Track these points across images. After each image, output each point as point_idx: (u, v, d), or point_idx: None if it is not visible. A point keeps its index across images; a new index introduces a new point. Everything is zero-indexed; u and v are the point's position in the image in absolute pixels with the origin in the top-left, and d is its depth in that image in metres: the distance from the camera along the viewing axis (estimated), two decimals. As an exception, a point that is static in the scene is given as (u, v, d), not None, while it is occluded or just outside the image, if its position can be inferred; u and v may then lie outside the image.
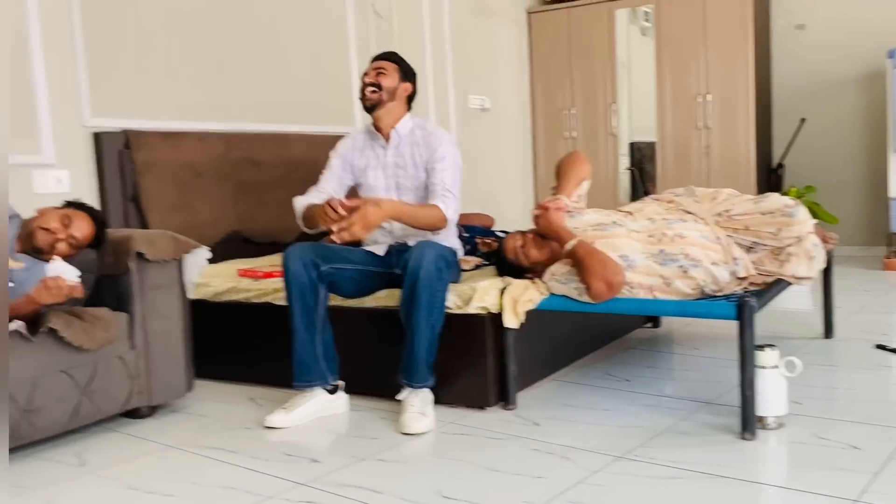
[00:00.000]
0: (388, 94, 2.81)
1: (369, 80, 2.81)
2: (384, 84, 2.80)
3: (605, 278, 2.46)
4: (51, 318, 2.37)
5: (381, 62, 2.86)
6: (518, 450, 2.30)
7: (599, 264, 2.47)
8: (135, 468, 2.29)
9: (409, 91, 2.87)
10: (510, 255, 2.74)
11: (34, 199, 2.98)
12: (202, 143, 3.69)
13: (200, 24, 3.81)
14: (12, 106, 3.13)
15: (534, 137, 6.24)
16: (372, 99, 2.80)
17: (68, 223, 2.53)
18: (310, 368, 2.65)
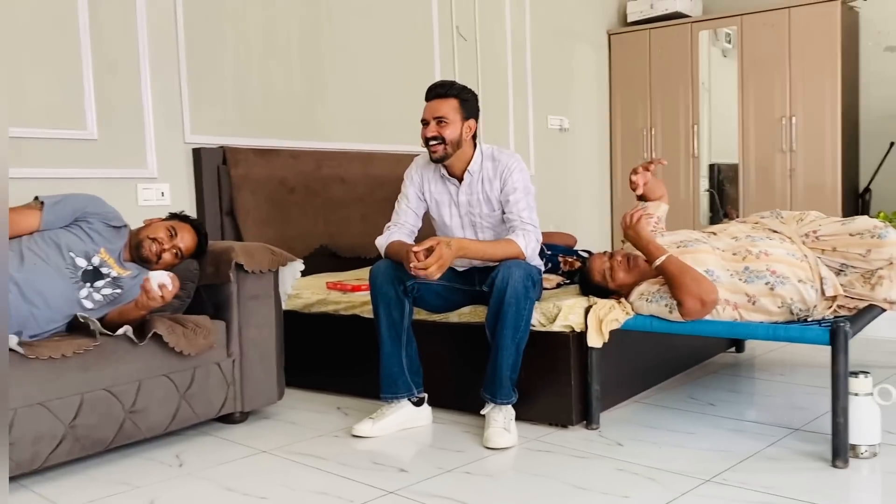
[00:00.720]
0: (453, 145, 2.68)
1: (430, 134, 2.67)
2: (447, 137, 2.66)
3: (699, 296, 2.45)
4: (156, 324, 2.50)
5: (439, 104, 2.67)
6: (602, 469, 2.31)
7: (693, 282, 2.47)
8: (230, 470, 2.39)
9: (474, 128, 2.74)
10: (597, 277, 2.74)
11: (139, 211, 3.16)
12: (294, 161, 3.83)
13: (295, 46, 3.97)
14: (122, 123, 3.33)
15: (612, 158, 6.23)
16: (437, 152, 2.68)
17: (174, 234, 2.66)
18: (396, 380, 2.71)
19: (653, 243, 2.59)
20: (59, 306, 2.43)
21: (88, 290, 2.51)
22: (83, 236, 2.57)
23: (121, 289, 2.58)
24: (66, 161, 3.15)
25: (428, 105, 2.71)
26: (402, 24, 4.51)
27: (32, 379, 2.24)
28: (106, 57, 3.27)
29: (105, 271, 2.56)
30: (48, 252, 2.47)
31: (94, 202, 2.65)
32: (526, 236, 2.66)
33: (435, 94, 2.71)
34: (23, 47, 3.03)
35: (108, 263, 2.58)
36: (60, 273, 2.46)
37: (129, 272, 2.62)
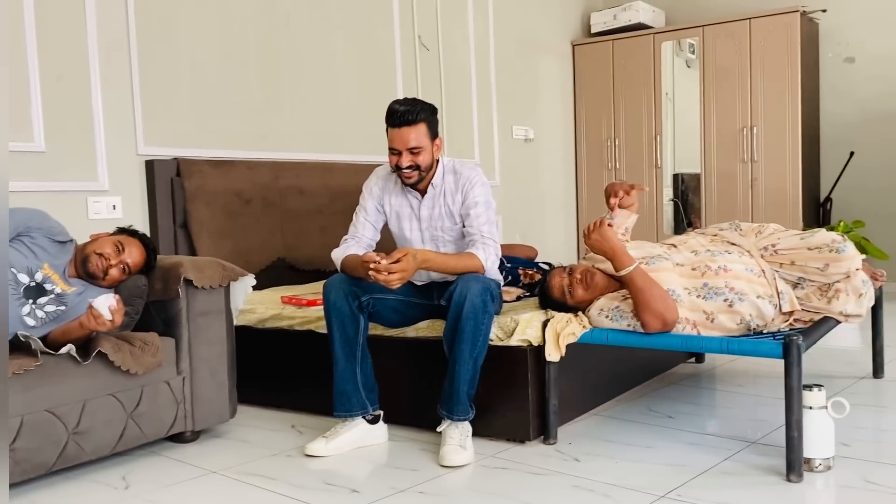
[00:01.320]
0: (428, 167, 2.67)
1: (406, 164, 2.61)
2: (422, 164, 2.64)
3: (661, 315, 2.43)
4: (101, 343, 2.43)
5: (409, 132, 2.58)
6: (558, 486, 2.28)
7: (657, 300, 2.44)
8: (178, 492, 2.33)
9: (441, 144, 2.72)
10: (556, 293, 2.71)
11: (89, 225, 3.08)
12: (251, 172, 3.77)
13: (252, 55, 3.91)
14: (72, 134, 3.25)
15: (577, 168, 6.24)
16: (412, 178, 2.66)
17: (121, 249, 2.59)
18: (350, 398, 2.66)
19: (621, 250, 2.52)
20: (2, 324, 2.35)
21: (31, 307, 2.44)
22: (26, 252, 2.50)
23: (65, 305, 2.51)
24: (13, 174, 3.06)
25: (396, 133, 2.60)
26: (363, 32, 4.48)
27: (-32, 401, 2.16)
28: (54, 66, 3.19)
29: (49, 287, 2.49)
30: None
31: (38, 216, 2.58)
32: (486, 250, 2.64)
33: (403, 120, 2.59)
34: (-34, 57, 2.94)
35: (53, 279, 2.51)
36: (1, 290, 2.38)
37: (74, 289, 2.55)
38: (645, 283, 2.47)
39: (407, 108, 2.61)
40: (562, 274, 2.72)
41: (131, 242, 2.64)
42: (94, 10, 3.31)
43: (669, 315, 2.44)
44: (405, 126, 2.60)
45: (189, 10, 3.65)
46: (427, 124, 2.64)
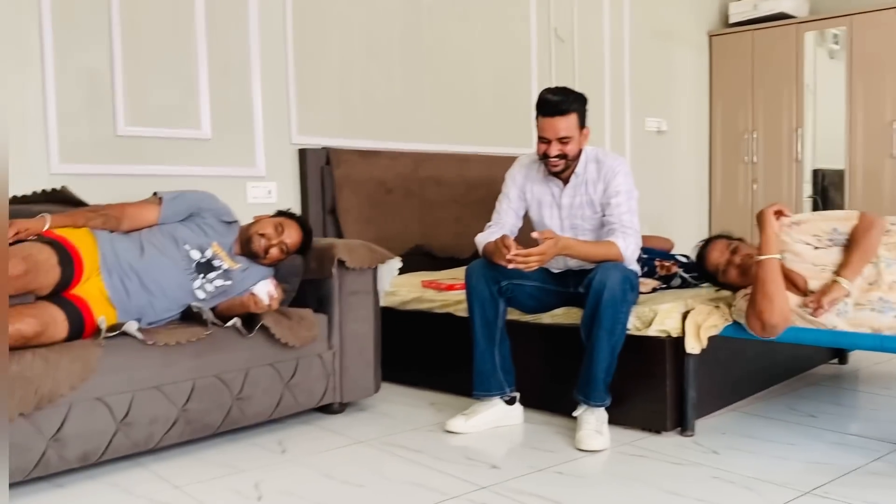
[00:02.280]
0: (574, 159, 2.73)
1: (554, 153, 2.67)
2: (570, 153, 2.69)
3: (762, 317, 2.39)
4: (264, 317, 2.62)
5: (560, 122, 2.63)
6: (698, 476, 2.29)
7: (766, 299, 2.39)
8: (330, 458, 2.49)
9: (588, 134, 2.75)
10: (709, 266, 2.68)
11: (247, 208, 3.29)
12: (393, 162, 3.93)
13: (396, 50, 4.07)
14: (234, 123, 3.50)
15: (711, 161, 6.10)
16: (558, 167, 2.71)
17: (281, 231, 2.78)
18: (488, 378, 2.75)
19: (771, 238, 2.47)
20: (175, 296, 2.58)
21: (201, 282, 2.65)
22: (197, 231, 2.72)
23: (231, 280, 2.71)
24: (182, 159, 3.34)
25: (547, 122, 2.65)
26: (500, 26, 4.55)
27: (149, 364, 2.38)
28: (220, 61, 3.44)
29: (217, 264, 2.70)
30: (165, 244, 2.62)
31: (209, 199, 2.80)
32: (626, 239, 2.65)
33: (555, 110, 2.64)
34: (144, 51, 3.22)
35: (220, 256, 2.71)
36: (176, 264, 2.61)
37: (239, 265, 2.75)
38: (764, 277, 2.41)
39: (559, 98, 2.67)
40: (724, 250, 2.67)
41: (290, 224, 2.82)
42: (256, 8, 3.54)
43: (770, 318, 2.38)
44: (557, 116, 2.65)
45: (339, 8, 3.84)
46: (577, 115, 2.68)
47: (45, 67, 2.96)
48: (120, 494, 2.21)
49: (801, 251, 2.52)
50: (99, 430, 2.28)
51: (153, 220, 2.68)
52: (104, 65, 3.12)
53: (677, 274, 3.21)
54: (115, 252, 2.52)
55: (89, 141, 3.10)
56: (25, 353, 2.15)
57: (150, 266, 2.55)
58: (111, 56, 3.13)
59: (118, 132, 3.16)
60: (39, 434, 2.16)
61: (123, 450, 2.34)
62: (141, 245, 2.59)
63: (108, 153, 3.14)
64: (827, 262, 2.47)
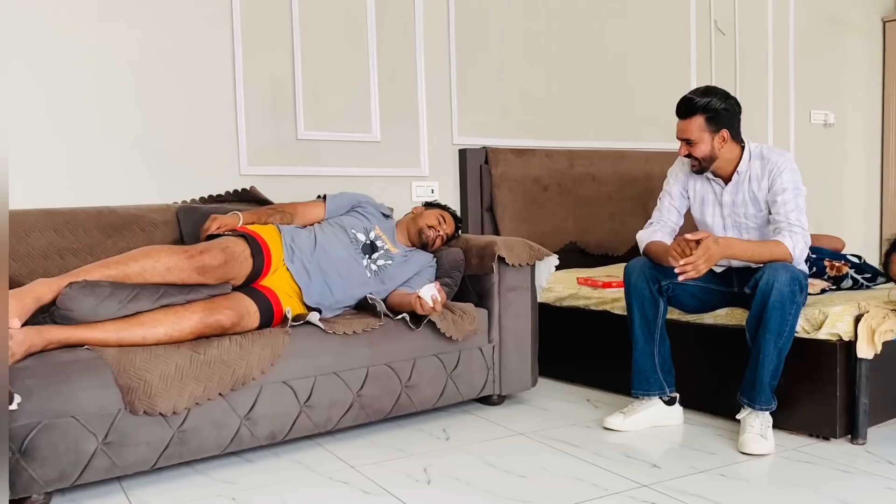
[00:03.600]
0: (707, 160, 2.70)
1: (683, 153, 2.72)
2: (698, 155, 2.69)
3: None
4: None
5: (685, 125, 2.67)
6: (869, 486, 2.22)
7: None
8: (492, 448, 2.59)
9: (729, 137, 2.68)
10: (893, 275, 2.57)
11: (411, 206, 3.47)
12: (548, 160, 4.00)
13: (553, 48, 4.13)
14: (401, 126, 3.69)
15: (883, 155, 5.74)
16: (695, 167, 2.74)
17: (443, 222, 3.02)
18: (648, 378, 2.77)
19: None
20: (348, 275, 2.79)
21: (367, 261, 2.85)
22: (361, 217, 2.98)
23: (392, 261, 2.90)
24: (354, 160, 3.57)
25: (678, 123, 2.72)
26: (659, 20, 4.51)
27: (329, 351, 2.58)
28: (388, 68, 3.64)
29: (379, 244, 2.91)
30: (335, 232, 2.88)
31: (366, 196, 3.11)
32: (793, 237, 2.58)
33: (680, 112, 2.69)
34: (321, 62, 3.46)
35: (383, 238, 2.93)
36: (346, 247, 2.85)
37: (399, 251, 2.95)
38: None
39: (687, 99, 2.68)
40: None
41: (447, 216, 3.08)
42: (421, 16, 3.71)
43: None
44: (680, 119, 2.71)
45: (499, 10, 3.94)
46: (705, 117, 2.65)
47: (235, 76, 3.25)
48: (303, 472, 2.41)
49: None
50: (285, 411, 2.49)
51: (321, 216, 2.96)
52: (286, 73, 3.38)
53: (848, 275, 3.09)
54: (296, 242, 2.76)
55: (273, 144, 3.37)
56: (224, 340, 2.39)
57: (325, 250, 2.79)
58: (293, 66, 3.38)
59: (299, 136, 3.42)
60: (234, 413, 2.39)
61: (305, 430, 2.55)
62: (315, 235, 2.85)
63: (289, 155, 3.41)
64: None
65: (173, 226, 2.96)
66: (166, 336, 2.32)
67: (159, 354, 2.25)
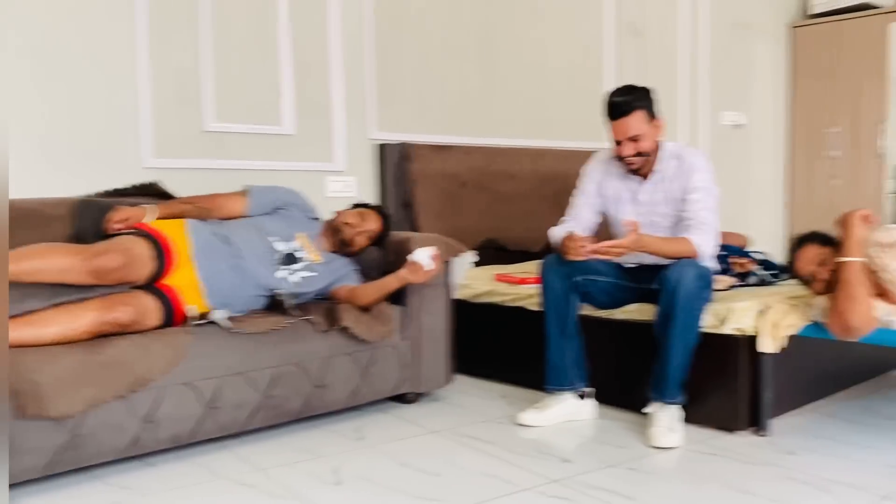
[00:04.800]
0: (652, 153, 2.73)
1: (629, 154, 2.69)
2: (645, 150, 2.70)
3: (844, 318, 2.34)
4: (343, 315, 2.70)
5: (627, 122, 2.65)
6: (771, 476, 2.28)
7: (849, 300, 2.34)
8: (405, 447, 2.56)
9: (661, 124, 2.74)
10: (797, 273, 2.61)
11: (326, 202, 3.40)
12: (467, 156, 3.98)
13: (472, 45, 4.12)
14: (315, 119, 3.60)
15: (790, 156, 5.96)
16: (635, 164, 2.72)
17: (364, 219, 2.92)
18: (561, 373, 2.78)
19: (855, 242, 2.40)
20: (260, 284, 2.69)
21: (285, 272, 2.75)
22: (283, 223, 2.83)
23: (314, 272, 2.81)
24: (265, 154, 3.46)
25: (616, 125, 2.68)
26: (573, 21, 4.55)
27: (235, 351, 2.49)
28: (302, 59, 3.55)
29: (300, 255, 2.80)
30: (252, 236, 2.74)
31: (294, 195, 2.94)
32: (702, 235, 2.63)
33: (619, 112, 2.66)
34: (229, 51, 3.34)
35: (305, 248, 2.82)
36: (261, 255, 2.72)
37: (322, 260, 2.85)
38: (848, 278, 2.35)
39: (622, 99, 2.68)
40: (812, 260, 2.55)
41: (370, 213, 2.97)
42: (336, 6, 3.64)
43: (852, 320, 2.32)
44: (622, 117, 2.67)
45: (417, 4, 3.90)
46: (643, 110, 2.68)
47: (137, 65, 3.11)
48: (207, 475, 2.32)
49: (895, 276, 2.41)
50: (188, 413, 2.39)
51: (240, 212, 2.82)
52: (192, 62, 3.25)
53: (753, 271, 3.18)
54: (208, 241, 2.65)
55: (178, 136, 3.24)
56: (122, 340, 2.28)
57: (240, 254, 2.67)
58: (197, 54, 3.26)
59: (206, 128, 3.30)
60: (134, 416, 2.28)
61: (211, 433, 2.46)
62: (230, 235, 2.71)
63: (196, 148, 3.28)
64: None
65: (67, 221, 2.77)
66: (60, 335, 2.20)
67: (52, 355, 2.13)
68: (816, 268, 2.52)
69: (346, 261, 2.89)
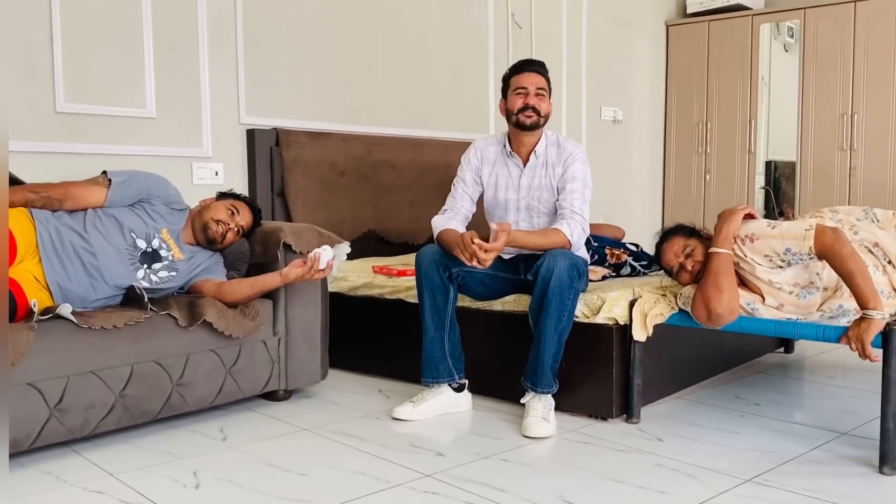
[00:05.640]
0: (545, 118, 2.78)
1: (532, 103, 2.72)
2: (543, 110, 2.75)
3: (709, 305, 2.39)
4: (206, 310, 2.54)
5: (538, 77, 2.76)
6: (641, 463, 2.30)
7: (715, 288, 2.39)
8: (272, 446, 2.44)
9: (551, 109, 2.84)
10: (664, 265, 2.63)
11: (193, 189, 3.22)
12: (346, 144, 3.86)
13: (350, 30, 4.00)
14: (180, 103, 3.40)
15: (665, 151, 6.14)
16: (532, 118, 2.73)
17: (235, 213, 2.73)
18: (437, 365, 2.73)
19: (726, 235, 2.44)
20: (116, 283, 2.50)
21: (145, 272, 2.57)
22: (146, 217, 2.63)
23: (176, 272, 2.64)
24: (126, 138, 3.24)
25: (524, 76, 2.76)
26: (457, 10, 4.50)
27: (85, 348, 2.31)
28: (166, 37, 3.33)
29: (163, 254, 2.62)
30: (110, 230, 2.54)
31: (160, 183, 2.71)
32: (572, 225, 2.66)
33: (533, 69, 2.78)
34: (86, 26, 3.11)
35: (169, 244, 2.63)
36: (120, 252, 2.53)
37: (185, 256, 2.67)
38: (716, 268, 2.40)
39: (534, 60, 2.83)
40: (678, 252, 2.55)
41: (241, 206, 2.78)
42: (204, -17, 3.45)
43: (716, 307, 2.37)
44: (535, 72, 2.78)
45: (292, -16, 3.75)
46: (548, 82, 2.80)
47: (-22, 39, 2.84)
48: (52, 482, 2.14)
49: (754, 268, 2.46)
50: (31, 416, 2.20)
51: (99, 202, 2.59)
52: (43, 36, 3.00)
53: (627, 262, 3.22)
54: (58, 233, 2.44)
55: (26, 117, 2.98)
56: (-49, 337, 2.06)
57: (94, 251, 2.47)
58: (51, 28, 3.01)
59: (57, 108, 3.05)
60: (-34, 420, 2.08)
61: (57, 437, 2.27)
62: (85, 227, 2.51)
63: (46, 130, 3.03)
64: (780, 281, 2.44)
65: None
66: None
67: None
68: (683, 259, 2.56)
69: (209, 254, 2.72)
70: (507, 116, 2.79)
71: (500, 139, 2.88)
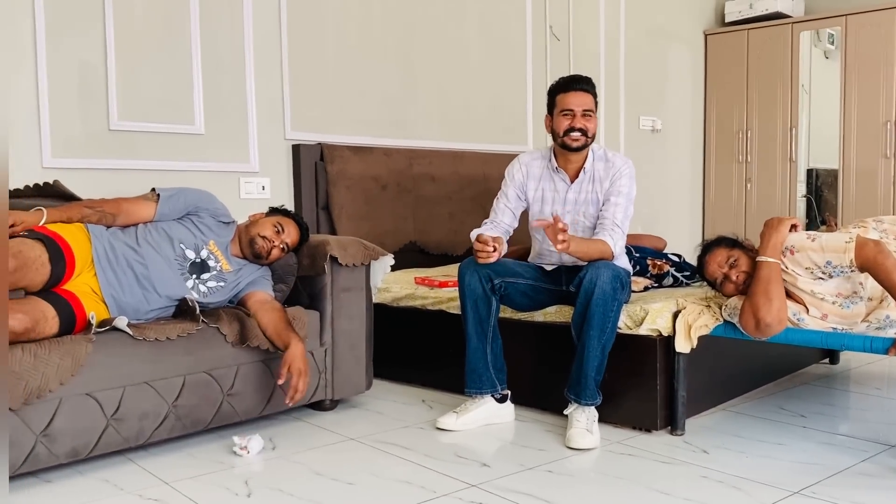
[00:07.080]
0: (592, 136, 2.77)
1: (578, 126, 2.72)
2: (590, 130, 2.74)
3: (758, 314, 2.38)
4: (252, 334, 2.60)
5: (585, 97, 2.74)
6: (686, 476, 2.30)
7: (765, 297, 2.38)
8: (320, 456, 2.49)
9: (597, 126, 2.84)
10: (707, 277, 2.62)
11: (240, 203, 3.30)
12: (387, 158, 3.92)
13: (391, 46, 4.06)
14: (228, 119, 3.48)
15: (705, 160, 6.11)
16: (579, 142, 2.73)
17: (280, 230, 2.76)
18: (480, 376, 2.76)
19: (775, 244, 2.43)
20: (168, 294, 2.57)
21: (195, 282, 2.64)
22: (194, 230, 2.70)
23: (224, 282, 2.70)
24: (175, 154, 3.33)
25: (571, 95, 2.74)
26: (495, 23, 4.55)
27: (140, 359, 2.38)
28: (214, 55, 3.43)
29: (212, 265, 2.68)
30: (161, 242, 2.61)
31: (207, 198, 2.77)
32: (614, 236, 2.68)
33: (580, 87, 2.76)
34: (137, 45, 3.21)
35: (217, 256, 2.69)
36: (170, 263, 2.60)
37: (233, 268, 2.73)
38: (765, 277, 2.39)
39: (581, 77, 2.80)
40: (722, 263, 2.55)
41: (288, 223, 2.80)
42: (251, 3, 3.53)
43: (765, 316, 2.36)
44: (581, 92, 2.76)
45: (335, 3, 3.82)
46: (596, 99, 2.79)
47: (38, 59, 2.95)
48: (110, 490, 2.21)
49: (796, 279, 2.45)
50: (89, 425, 2.27)
51: (149, 217, 2.67)
52: (97, 58, 3.11)
53: (669, 273, 3.22)
54: (112, 247, 2.51)
55: (82, 135, 3.09)
56: (15, 349, 2.14)
57: (146, 262, 2.54)
58: (105, 48, 3.12)
59: (111, 126, 3.16)
60: (28, 430, 2.16)
61: (113, 445, 2.34)
62: (137, 241, 2.58)
63: (100, 147, 3.13)
64: (823, 292, 2.43)
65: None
66: (-55, 347, 2.04)
67: (-66, 367, 1.98)
68: (727, 270, 2.56)
69: (256, 267, 2.78)
70: (553, 135, 2.80)
71: (545, 154, 2.90)
